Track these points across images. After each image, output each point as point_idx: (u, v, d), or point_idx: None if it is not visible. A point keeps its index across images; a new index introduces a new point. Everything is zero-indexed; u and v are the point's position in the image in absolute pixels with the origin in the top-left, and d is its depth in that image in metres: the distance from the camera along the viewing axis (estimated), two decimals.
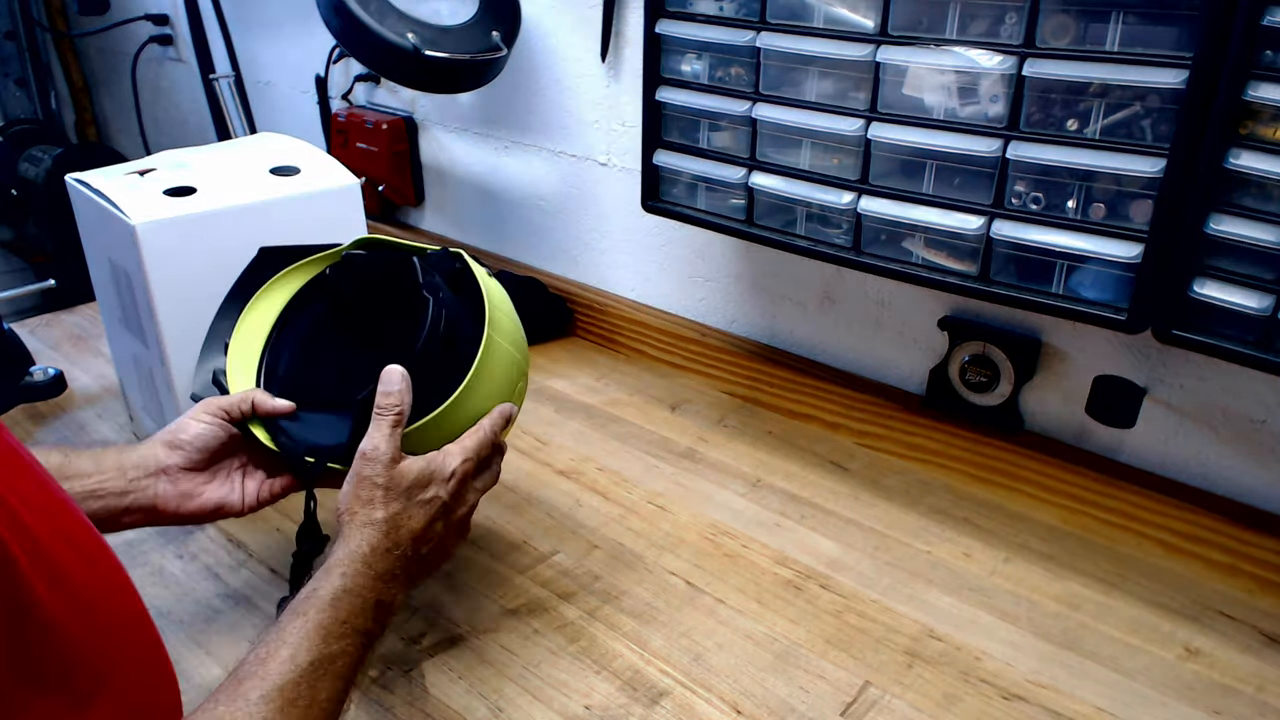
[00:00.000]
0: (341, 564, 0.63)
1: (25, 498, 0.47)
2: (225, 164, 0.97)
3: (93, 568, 0.53)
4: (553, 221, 1.43)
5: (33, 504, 0.48)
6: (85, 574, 0.51)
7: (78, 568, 0.51)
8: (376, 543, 0.64)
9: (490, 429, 0.74)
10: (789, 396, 1.17)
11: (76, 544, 0.52)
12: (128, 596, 0.56)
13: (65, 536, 0.51)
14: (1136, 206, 0.78)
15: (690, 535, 0.94)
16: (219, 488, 0.76)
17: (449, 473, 0.69)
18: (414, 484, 0.68)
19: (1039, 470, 1.00)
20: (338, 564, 0.62)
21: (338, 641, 0.59)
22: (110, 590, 0.54)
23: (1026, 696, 0.75)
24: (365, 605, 0.62)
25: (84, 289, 1.06)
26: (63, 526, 0.51)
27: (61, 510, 0.52)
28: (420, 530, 0.67)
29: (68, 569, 0.49)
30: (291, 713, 0.54)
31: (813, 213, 0.98)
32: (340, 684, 0.58)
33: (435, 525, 0.69)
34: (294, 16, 1.73)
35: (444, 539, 0.71)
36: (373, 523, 0.65)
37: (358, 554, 0.63)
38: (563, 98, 1.33)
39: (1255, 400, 0.90)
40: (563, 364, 1.31)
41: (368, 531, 0.65)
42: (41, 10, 2.40)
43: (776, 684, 0.76)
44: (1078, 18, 0.77)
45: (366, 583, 0.63)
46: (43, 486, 0.52)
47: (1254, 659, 0.79)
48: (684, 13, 1.00)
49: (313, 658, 0.57)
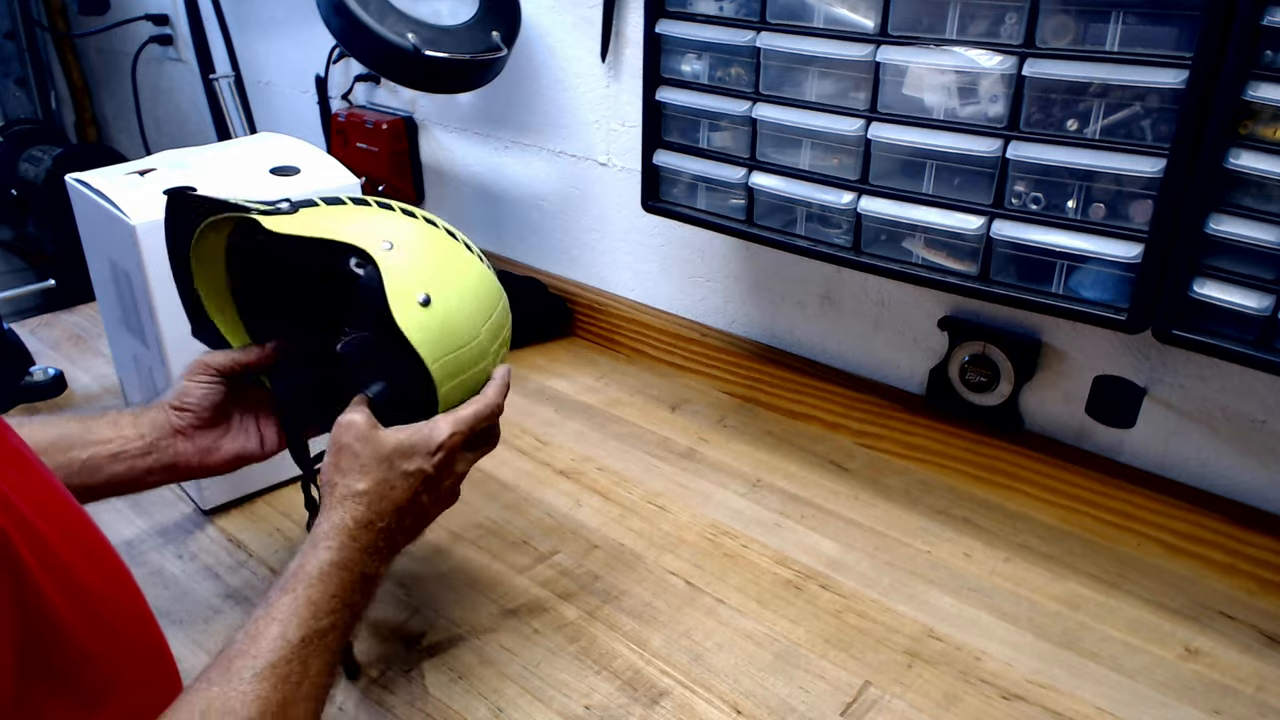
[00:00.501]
0: (327, 537, 0.62)
1: (32, 499, 0.48)
2: (225, 164, 0.97)
3: (99, 569, 0.53)
4: (553, 221, 1.43)
5: (39, 505, 0.49)
6: (92, 575, 0.52)
7: (85, 569, 0.51)
8: (359, 515, 0.63)
9: (492, 399, 0.71)
10: (789, 396, 1.17)
11: (83, 545, 0.52)
12: (133, 598, 0.56)
13: (72, 537, 0.51)
14: (1136, 206, 0.78)
15: (690, 535, 0.94)
16: (235, 439, 0.77)
17: (435, 445, 0.67)
18: (395, 453, 0.66)
19: (1039, 470, 1.00)
20: (323, 537, 0.62)
21: (327, 616, 0.58)
22: (116, 592, 0.55)
23: (1026, 696, 0.75)
24: (352, 579, 0.61)
25: (84, 289, 1.06)
26: (69, 527, 0.52)
27: (68, 511, 0.53)
28: (405, 502, 0.66)
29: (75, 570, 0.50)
30: (284, 688, 0.54)
31: (813, 213, 0.98)
32: (329, 657, 0.58)
33: (420, 496, 0.67)
34: (294, 16, 1.73)
35: (428, 509, 0.69)
36: (355, 495, 0.64)
37: (342, 527, 0.62)
38: (563, 98, 1.33)
39: (1255, 400, 0.90)
40: (563, 364, 1.31)
41: (350, 504, 0.64)
42: (41, 10, 2.40)
43: (776, 684, 0.76)
44: (1078, 18, 0.77)
45: (353, 555, 0.62)
46: (48, 486, 0.52)
47: (1254, 659, 0.79)
48: (684, 13, 1.00)
49: (303, 634, 0.56)
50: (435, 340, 0.68)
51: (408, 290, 0.67)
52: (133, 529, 0.94)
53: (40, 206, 2.16)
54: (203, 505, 0.96)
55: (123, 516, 0.95)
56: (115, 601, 0.54)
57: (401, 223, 0.72)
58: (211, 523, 0.95)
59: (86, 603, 0.50)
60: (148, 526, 0.94)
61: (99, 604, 0.52)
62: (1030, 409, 1.04)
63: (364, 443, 0.65)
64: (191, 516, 0.96)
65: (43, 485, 0.52)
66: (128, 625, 0.55)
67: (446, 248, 0.73)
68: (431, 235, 0.73)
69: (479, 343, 0.71)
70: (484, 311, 0.73)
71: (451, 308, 0.69)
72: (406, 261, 0.69)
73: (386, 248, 0.68)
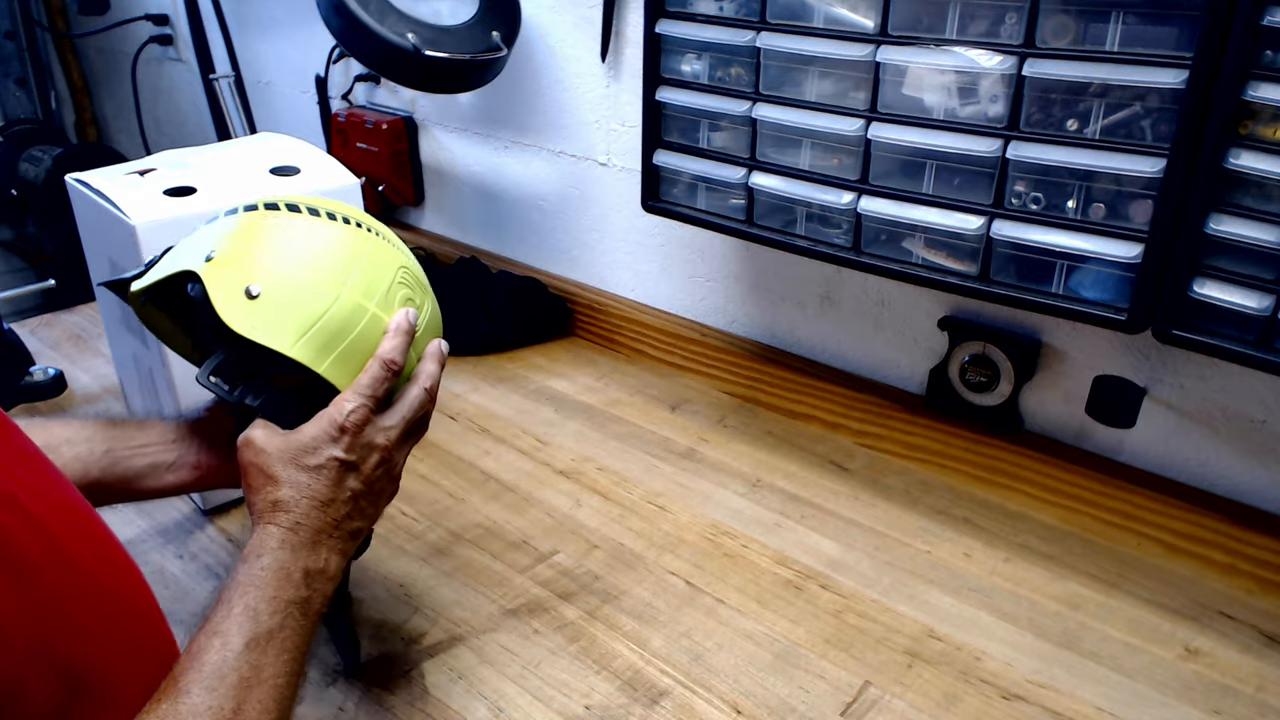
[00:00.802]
0: (255, 549, 0.60)
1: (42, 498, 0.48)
2: (225, 164, 0.97)
3: (109, 567, 0.53)
4: (553, 221, 1.43)
5: (50, 503, 0.49)
6: (102, 572, 0.52)
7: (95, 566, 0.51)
8: (284, 521, 0.61)
9: (385, 353, 0.66)
10: (789, 396, 1.17)
11: (93, 543, 0.53)
12: (143, 596, 0.57)
13: (83, 536, 0.52)
14: (1136, 206, 0.78)
15: (690, 535, 0.94)
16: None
17: (336, 429, 0.63)
18: (299, 452, 0.63)
19: (1039, 470, 1.00)
20: (253, 550, 0.60)
21: (270, 618, 0.57)
22: (127, 589, 0.55)
23: (1026, 696, 0.75)
24: (291, 576, 0.59)
25: (84, 289, 1.06)
26: (80, 526, 0.52)
27: (78, 510, 0.53)
28: (327, 496, 0.63)
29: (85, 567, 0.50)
30: (236, 694, 0.52)
31: (813, 213, 0.98)
32: (286, 657, 0.56)
33: (344, 483, 0.64)
34: (294, 16, 1.73)
35: (366, 492, 0.65)
36: (271, 505, 0.62)
37: (270, 536, 0.61)
38: (563, 98, 1.33)
39: (1255, 400, 0.90)
40: (563, 364, 1.31)
41: (270, 515, 0.62)
42: (41, 10, 2.40)
43: (776, 684, 0.76)
44: (1078, 18, 0.77)
45: (287, 556, 0.60)
46: (58, 486, 0.52)
47: (1254, 659, 0.79)
48: (684, 13, 1.00)
49: (246, 639, 0.55)
50: (281, 323, 0.63)
51: (233, 290, 0.63)
52: (133, 529, 0.94)
53: (40, 206, 2.16)
54: (203, 505, 0.96)
55: (123, 516, 0.95)
56: (126, 599, 0.54)
57: (230, 224, 0.68)
58: (211, 523, 0.95)
59: (96, 600, 0.50)
60: (148, 526, 0.94)
61: (109, 602, 0.52)
62: (1030, 409, 1.04)
63: (264, 454, 0.63)
64: (192, 516, 0.96)
65: (53, 484, 0.52)
66: (137, 623, 0.55)
67: (274, 226, 0.68)
68: (254, 222, 0.68)
69: (344, 303, 0.65)
70: (341, 269, 0.67)
71: (291, 283, 0.65)
72: (226, 262, 0.64)
73: (206, 258, 0.65)
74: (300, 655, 0.58)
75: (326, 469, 0.63)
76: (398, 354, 0.66)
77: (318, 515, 0.62)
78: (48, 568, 0.46)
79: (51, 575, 0.46)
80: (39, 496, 0.48)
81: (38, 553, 0.45)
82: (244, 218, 0.68)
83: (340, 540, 0.64)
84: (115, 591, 0.53)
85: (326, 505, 0.63)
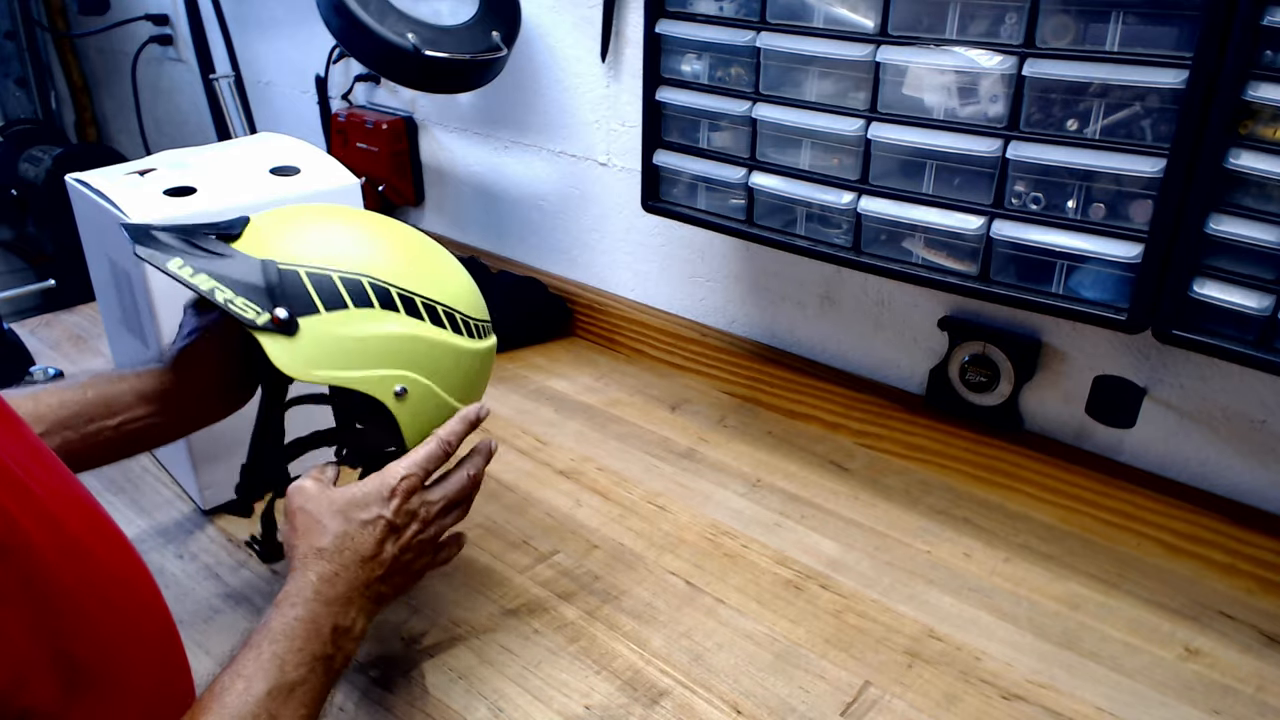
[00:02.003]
0: (290, 596, 0.62)
1: (51, 490, 0.48)
2: (225, 164, 0.97)
3: (116, 557, 0.54)
4: (553, 221, 1.43)
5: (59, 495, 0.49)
6: (111, 562, 0.53)
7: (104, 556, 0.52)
8: (323, 571, 0.63)
9: (442, 439, 0.71)
10: (789, 396, 1.17)
11: (101, 534, 0.53)
12: (149, 587, 0.58)
13: (92, 528, 0.52)
14: (1136, 206, 0.78)
15: (690, 535, 0.94)
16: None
17: (389, 490, 0.67)
18: (349, 505, 0.66)
19: (1039, 470, 1.00)
20: (286, 597, 0.62)
21: (295, 670, 0.58)
22: (134, 580, 0.56)
23: (1026, 696, 0.75)
24: (320, 631, 0.61)
25: (84, 289, 1.06)
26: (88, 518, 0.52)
27: (84, 502, 0.54)
28: (369, 552, 0.65)
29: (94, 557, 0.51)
30: None
31: (813, 213, 0.98)
32: (304, 711, 0.58)
33: (385, 545, 0.66)
34: (294, 16, 1.73)
35: (400, 559, 0.68)
36: (315, 552, 0.64)
37: (307, 584, 0.62)
38: (563, 98, 1.33)
39: (1255, 400, 0.90)
40: (563, 364, 1.31)
41: (312, 561, 0.64)
42: (41, 10, 2.40)
43: (776, 684, 0.76)
44: (1078, 18, 0.77)
45: (320, 609, 0.62)
46: (66, 480, 0.53)
47: (1254, 659, 0.79)
48: (684, 13, 1.00)
49: (269, 686, 0.56)
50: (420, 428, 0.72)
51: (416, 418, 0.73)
52: (133, 529, 0.94)
53: (40, 206, 2.17)
54: (203, 505, 0.96)
55: (123, 516, 0.95)
56: (135, 592, 0.55)
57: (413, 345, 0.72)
58: (211, 523, 0.95)
59: (104, 591, 0.51)
60: (148, 526, 0.94)
61: (117, 592, 0.52)
62: (1030, 409, 1.04)
63: (315, 502, 0.66)
64: (191, 516, 0.96)
65: (64, 480, 0.53)
66: (145, 615, 0.56)
67: (445, 351, 0.74)
68: (441, 350, 0.73)
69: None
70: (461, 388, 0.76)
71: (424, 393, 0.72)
72: (414, 404, 0.72)
73: (399, 393, 0.71)
74: (316, 711, 0.60)
75: (373, 525, 0.66)
76: (455, 438, 0.72)
77: (356, 569, 0.65)
78: (58, 560, 0.46)
79: (62, 568, 0.46)
80: (51, 491, 0.48)
81: (49, 546, 0.46)
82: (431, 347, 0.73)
83: (370, 602, 0.66)
84: (125, 584, 0.54)
85: (366, 561, 0.65)
